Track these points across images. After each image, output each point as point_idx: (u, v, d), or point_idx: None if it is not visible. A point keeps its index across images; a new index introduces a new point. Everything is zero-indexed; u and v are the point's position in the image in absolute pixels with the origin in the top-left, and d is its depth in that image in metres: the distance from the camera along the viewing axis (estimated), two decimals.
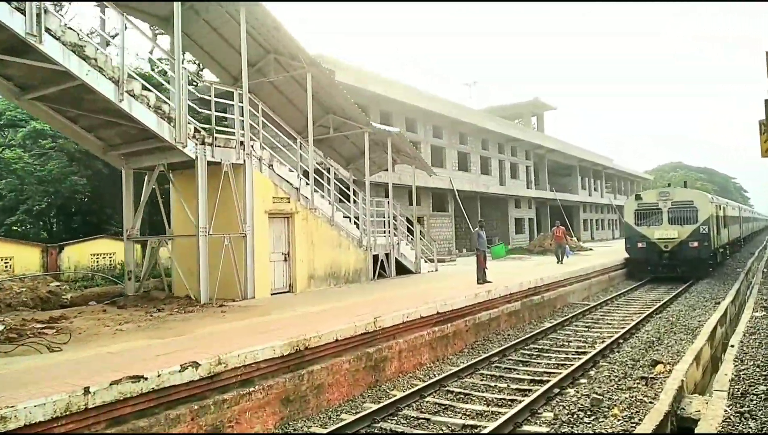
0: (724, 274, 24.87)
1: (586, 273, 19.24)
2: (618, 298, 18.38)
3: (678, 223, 22.53)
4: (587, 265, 20.50)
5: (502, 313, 13.09)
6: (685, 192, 23.14)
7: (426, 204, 30.21)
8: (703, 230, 22.02)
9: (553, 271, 18.17)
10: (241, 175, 11.87)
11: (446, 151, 32.53)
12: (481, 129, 34.87)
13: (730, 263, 30.70)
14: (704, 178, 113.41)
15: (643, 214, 23.30)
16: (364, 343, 8.68)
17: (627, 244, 23.63)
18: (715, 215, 23.86)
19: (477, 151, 35.98)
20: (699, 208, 22.25)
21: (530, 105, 46.30)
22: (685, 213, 22.49)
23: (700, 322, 13.66)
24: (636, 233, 23.27)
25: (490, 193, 35.80)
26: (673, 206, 22.72)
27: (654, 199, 23.18)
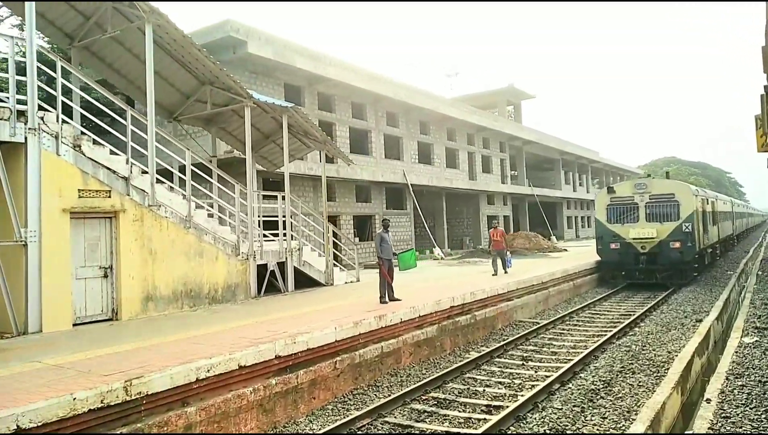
0: (713, 278, 21.63)
1: (542, 282, 15.93)
2: (579, 313, 15.09)
3: (657, 220, 19.27)
4: (545, 271, 17.18)
5: (405, 343, 9.75)
6: (665, 183, 19.88)
7: (378, 200, 26.85)
8: (686, 228, 18.75)
9: (498, 280, 14.85)
10: (19, 159, 8.48)
11: (403, 142, 29.18)
12: (445, 117, 31.54)
13: (720, 264, 27.49)
14: (698, 173, 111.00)
15: (617, 210, 20.02)
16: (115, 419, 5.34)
17: (598, 245, 20.36)
18: (701, 210, 20.61)
19: (441, 142, 32.65)
20: (681, 202, 18.98)
21: (505, 93, 42.90)
22: (665, 208, 19.22)
23: (673, 352, 10.38)
24: (608, 232, 19.99)
25: (457, 189, 32.48)
26: (651, 200, 19.45)
27: (629, 192, 19.90)
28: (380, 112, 27.39)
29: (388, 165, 27.47)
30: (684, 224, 18.78)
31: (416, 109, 28.88)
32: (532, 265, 20.87)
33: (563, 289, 17.27)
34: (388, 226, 11.28)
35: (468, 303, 12.00)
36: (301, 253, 13.49)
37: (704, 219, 21.21)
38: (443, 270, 20.00)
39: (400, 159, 29.02)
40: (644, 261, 19.18)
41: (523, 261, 22.98)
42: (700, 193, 21.10)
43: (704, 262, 22.49)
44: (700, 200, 20.54)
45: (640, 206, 19.60)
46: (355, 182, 25.03)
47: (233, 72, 19.31)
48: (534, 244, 27.86)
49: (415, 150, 30.08)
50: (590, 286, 19.96)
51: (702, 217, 20.64)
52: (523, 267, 19.65)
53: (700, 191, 21.31)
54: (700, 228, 19.86)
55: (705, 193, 23.55)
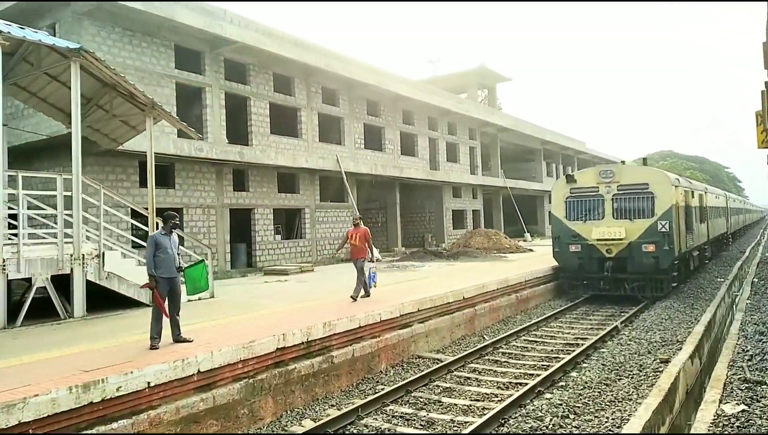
0: (698, 287, 17.83)
1: (464, 298, 12.09)
2: (512, 340, 11.30)
3: (626, 217, 15.43)
4: (476, 281, 13.30)
5: (159, 420, 5.89)
6: (637, 171, 16.01)
7: (309, 191, 22.93)
8: (663, 227, 14.90)
9: (401, 297, 11.00)
10: None
11: (345, 123, 25.22)
12: (398, 97, 27.60)
13: (710, 268, 23.69)
14: (695, 167, 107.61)
15: (578, 204, 16.17)
16: None
17: (555, 247, 16.52)
18: (684, 205, 16.76)
19: (395, 126, 28.70)
20: (657, 194, 15.14)
21: (476, 74, 38.79)
22: (637, 202, 15.38)
23: (612, 428, 6.57)
24: (567, 231, 16.15)
25: (413, 179, 28.57)
26: (619, 192, 15.61)
27: (592, 181, 16.04)
28: (314, 87, 23.43)
29: (325, 149, 23.55)
30: (660, 222, 14.93)
31: (359, 85, 24.94)
32: (468, 271, 17.00)
33: (500, 305, 13.42)
34: (174, 223, 7.22)
35: (319, 339, 8.14)
36: (102, 262, 9.56)
37: (688, 215, 17.38)
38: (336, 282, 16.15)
39: (341, 143, 25.09)
40: (610, 268, 15.36)
41: (466, 265, 19.10)
42: (683, 184, 17.21)
43: (689, 266, 18.71)
44: (682, 192, 16.68)
45: (605, 199, 15.75)
46: (277, 169, 21.12)
47: (91, 27, 15.43)
48: (493, 244, 24.02)
49: (360, 133, 26.14)
50: (544, 298, 16.11)
51: (685, 212, 16.81)
52: (457, 273, 15.82)
53: (682, 181, 17.44)
54: (681, 226, 16.03)
55: (690, 183, 19.68)
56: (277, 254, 21.04)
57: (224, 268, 18.92)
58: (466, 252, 21.93)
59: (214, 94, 19.02)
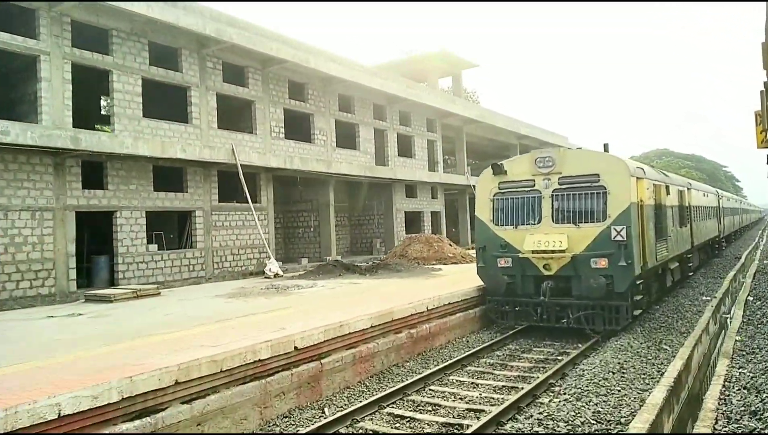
0: (675, 311, 13.81)
1: (295, 348, 7.94)
2: (365, 414, 7.17)
3: (570, 221, 11.36)
4: (348, 316, 9.15)
5: None
6: (585, 158, 11.82)
7: (203, 189, 18.78)
8: (618, 234, 10.81)
9: (185, 352, 6.87)
10: None
11: (256, 107, 21.08)
12: (328, 78, 23.50)
13: (695, 281, 19.64)
14: (691, 166, 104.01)
15: (508, 204, 12.10)
16: None
17: (479, 261, 12.39)
18: (652, 203, 12.69)
19: (328, 113, 24.57)
20: (611, 188, 11.04)
21: (437, 59, 34.48)
22: (584, 199, 11.30)
23: None
24: (494, 240, 12.08)
25: (350, 176, 24.45)
26: (561, 187, 11.53)
27: (527, 172, 11.95)
28: (211, 61, 19.30)
29: (226, 138, 19.42)
30: (614, 227, 10.83)
31: (274, 61, 20.82)
32: (369, 294, 12.83)
33: (375, 350, 9.26)
34: None
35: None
36: None
37: (660, 217, 13.29)
38: (148, 320, 12.00)
39: (253, 131, 20.95)
40: (548, 290, 11.24)
41: (376, 283, 14.92)
42: (650, 175, 13.04)
43: (664, 282, 14.69)
44: (650, 186, 12.56)
45: (543, 197, 11.66)
46: (152, 162, 16.99)
47: None
48: (434, 253, 19.92)
49: (279, 120, 22.00)
50: (461, 331, 11.98)
51: (654, 214, 12.72)
52: (350, 298, 11.67)
53: (649, 171, 13.24)
54: (647, 232, 11.94)
55: (666, 176, 15.50)
56: (152, 268, 16.90)
57: (66, 288, 14.77)
58: (388, 265, 17.80)
59: (54, 64, 14.88)
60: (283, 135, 22.14)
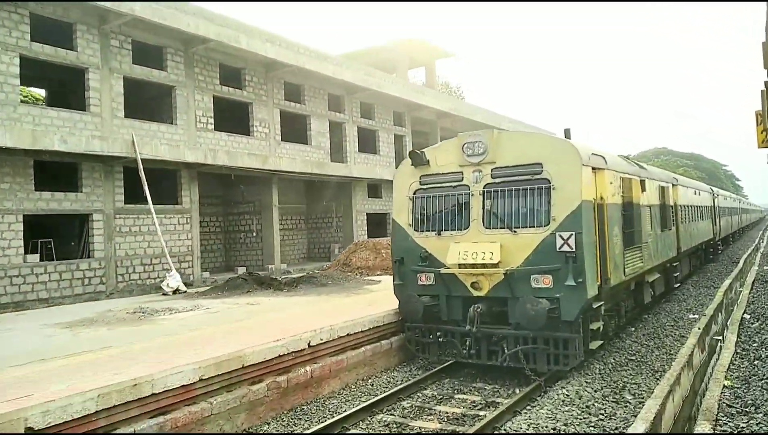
0: (652, 337, 11.21)
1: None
2: None
3: (505, 226, 8.65)
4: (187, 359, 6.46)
5: None
6: (523, 142, 8.99)
7: (103, 189, 16.08)
8: (564, 243, 8.13)
9: None
10: None
11: (176, 95, 18.39)
12: (270, 62, 20.86)
13: (684, 293, 17.00)
14: (689, 164, 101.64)
15: (430, 204, 9.42)
16: None
17: (396, 278, 9.65)
18: (619, 202, 9.99)
19: (273, 103, 21.89)
20: (556, 182, 8.35)
21: (407, 47, 31.67)
22: (523, 197, 8.61)
23: None
24: (414, 250, 9.39)
25: (293, 173, 21.78)
26: (495, 180, 8.86)
27: (454, 162, 9.27)
28: (116, 39, 16.62)
29: (135, 129, 16.74)
30: (560, 235, 8.13)
31: (197, 40, 18.14)
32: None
33: (194, 417, 6.52)
34: None
35: None
36: None
37: (630, 219, 10.58)
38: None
39: (173, 122, 18.27)
40: (478, 316, 8.55)
41: (283, 303, 12.12)
42: (614, 166, 10.17)
43: (643, 299, 12.05)
44: (615, 180, 9.82)
45: (473, 194, 8.97)
46: (32, 156, 14.32)
47: None
48: (380, 261, 17.23)
49: (207, 109, 19.31)
50: (370, 369, 9.28)
51: (622, 215, 10.02)
52: (230, 326, 8.97)
53: (613, 161, 10.36)
54: (612, 239, 9.27)
55: (641, 169, 12.70)
56: (31, 283, 14.21)
57: None
58: (314, 277, 15.09)
59: None
60: (212, 126, 19.46)
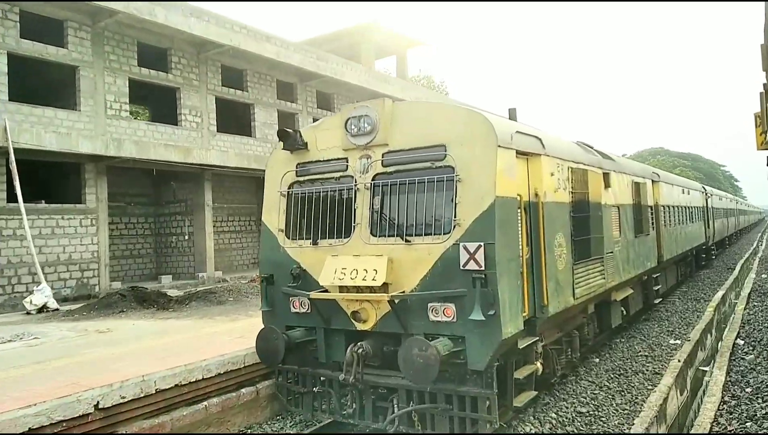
0: (615, 377, 8.81)
1: None
2: None
3: (397, 233, 6.18)
4: None
5: None
6: (424, 116, 6.56)
7: None
8: (471, 259, 5.66)
9: None
10: None
11: (80, 76, 15.93)
12: (199, 42, 18.42)
13: (668, 309, 14.65)
14: (687, 165, 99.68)
15: (307, 201, 6.97)
16: None
17: (264, 304, 7.16)
18: (567, 200, 7.54)
19: (207, 89, 19.43)
20: (462, 172, 5.91)
21: (370, 31, 29.04)
22: (421, 193, 6.14)
23: None
24: (285, 265, 6.91)
25: (225, 168, 19.26)
26: (387, 169, 6.43)
27: (337, 147, 6.83)
28: None
29: (20, 115, 14.28)
30: (464, 246, 5.68)
31: (102, 14, 15.66)
32: None
33: None
34: None
35: None
36: None
37: (584, 223, 8.14)
38: None
39: (76, 108, 15.80)
40: (358, 361, 6.11)
41: (108, 335, 9.52)
42: (557, 152, 7.50)
43: (608, 323, 9.66)
44: (559, 170, 7.34)
45: (359, 188, 6.53)
46: None
47: None
48: None
49: (120, 94, 16.81)
50: (220, 427, 6.81)
51: (571, 217, 7.59)
52: None
53: (554, 144, 7.61)
54: (553, 251, 6.88)
55: (605, 159, 10.12)
56: None
57: None
58: (213, 293, 12.60)
59: None
60: (127, 112, 16.99)
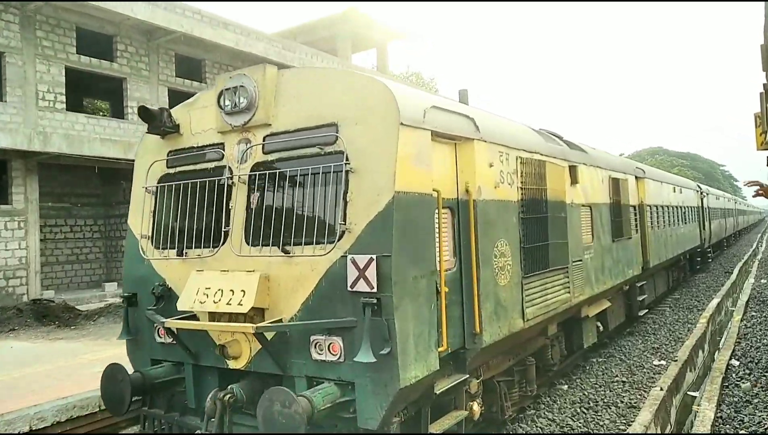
0: (580, 412, 7.23)
1: None
2: None
3: (275, 241, 4.67)
4: None
5: None
6: (311, 86, 5.09)
7: None
8: (360, 277, 4.16)
9: None
10: None
11: (6, 64, 14.45)
12: (151, 29, 16.92)
13: (655, 320, 13.22)
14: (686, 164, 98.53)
15: (177, 199, 5.46)
16: None
17: (124, 331, 5.64)
18: (519, 199, 6.06)
19: (156, 80, 17.92)
20: (355, 160, 4.41)
21: (349, 23, 27.50)
22: (305, 188, 4.64)
23: None
24: (148, 280, 5.39)
25: None
26: (269, 157, 4.95)
27: (213, 130, 5.32)
28: None
29: None
30: (353, 259, 4.19)
31: None
32: None
33: None
34: None
35: None
36: None
37: (538, 226, 6.65)
38: None
39: (2, 98, 14.31)
40: (223, 410, 4.61)
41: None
42: (492, 135, 5.81)
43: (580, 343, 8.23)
44: (501, 160, 5.85)
45: (234, 183, 5.04)
46: None
47: None
48: None
49: (57, 84, 15.30)
50: None
51: (520, 219, 6.11)
52: None
53: (486, 124, 5.84)
54: (493, 262, 5.39)
55: (565, 147, 8.46)
56: None
57: None
58: None
59: None
60: (64, 104, 15.50)
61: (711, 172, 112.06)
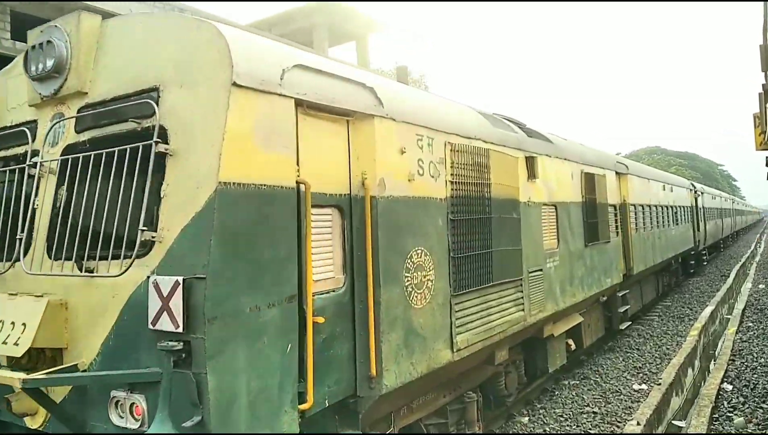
0: None
1: None
2: None
3: (71, 252, 3.32)
4: None
5: None
6: (137, 32, 3.78)
7: None
8: (165, 309, 2.80)
9: None
10: None
11: None
12: None
13: (641, 333, 11.95)
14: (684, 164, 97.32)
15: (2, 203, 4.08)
16: None
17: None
18: (447, 194, 4.72)
19: None
20: (176, 139, 3.06)
21: (325, 14, 26.11)
22: (118, 178, 3.28)
23: None
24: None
25: None
26: (81, 137, 3.57)
27: (26, 106, 3.99)
28: None
29: None
30: (155, 282, 2.85)
31: None
32: None
33: None
34: None
35: None
36: None
37: (477, 230, 5.32)
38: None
39: None
40: None
41: None
42: (404, 113, 4.52)
43: (538, 370, 6.90)
44: (418, 142, 4.54)
45: (42, 174, 3.70)
46: None
47: None
48: None
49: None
50: None
51: (450, 220, 4.79)
52: None
53: (389, 94, 4.60)
54: (404, 280, 4.05)
55: (523, 135, 7.13)
56: None
57: None
58: None
59: None
60: None
61: (709, 172, 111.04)
